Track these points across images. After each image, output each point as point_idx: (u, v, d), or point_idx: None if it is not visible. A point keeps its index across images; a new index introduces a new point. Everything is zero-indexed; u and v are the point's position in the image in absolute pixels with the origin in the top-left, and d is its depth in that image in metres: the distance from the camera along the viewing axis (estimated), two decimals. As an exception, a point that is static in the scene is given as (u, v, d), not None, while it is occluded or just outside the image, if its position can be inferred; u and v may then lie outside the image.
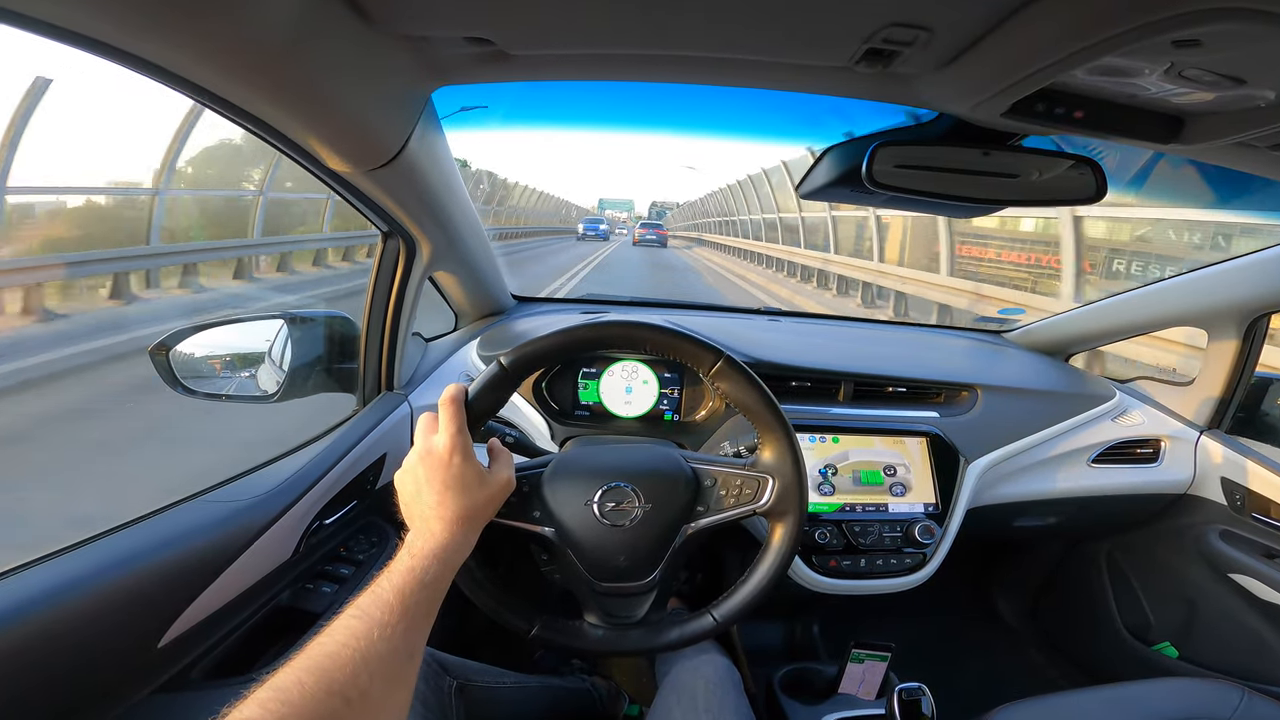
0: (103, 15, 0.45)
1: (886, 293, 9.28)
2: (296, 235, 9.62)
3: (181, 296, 6.78)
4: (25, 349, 4.45)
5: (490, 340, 1.27)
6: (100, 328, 5.09)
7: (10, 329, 4.75)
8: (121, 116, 10.83)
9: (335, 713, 0.43)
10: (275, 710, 0.41)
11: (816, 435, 1.16)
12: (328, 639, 0.47)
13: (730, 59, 0.65)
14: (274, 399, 0.99)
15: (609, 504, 0.71)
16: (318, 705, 0.42)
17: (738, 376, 0.72)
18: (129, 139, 8.91)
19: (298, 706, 0.41)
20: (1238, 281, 1.19)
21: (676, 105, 4.84)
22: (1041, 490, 1.29)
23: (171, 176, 6.80)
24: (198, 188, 8.50)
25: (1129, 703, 0.93)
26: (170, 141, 6.59)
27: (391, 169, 0.76)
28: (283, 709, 0.41)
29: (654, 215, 75.54)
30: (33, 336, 4.71)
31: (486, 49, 0.62)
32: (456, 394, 0.66)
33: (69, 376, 4.17)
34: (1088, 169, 0.81)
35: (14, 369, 4.10)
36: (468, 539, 0.62)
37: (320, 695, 0.43)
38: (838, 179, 0.86)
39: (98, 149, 10.69)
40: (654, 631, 0.74)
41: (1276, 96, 0.61)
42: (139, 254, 6.58)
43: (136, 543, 0.69)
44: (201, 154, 8.34)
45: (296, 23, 0.50)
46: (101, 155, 8.49)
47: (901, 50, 0.59)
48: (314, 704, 0.42)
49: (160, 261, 6.90)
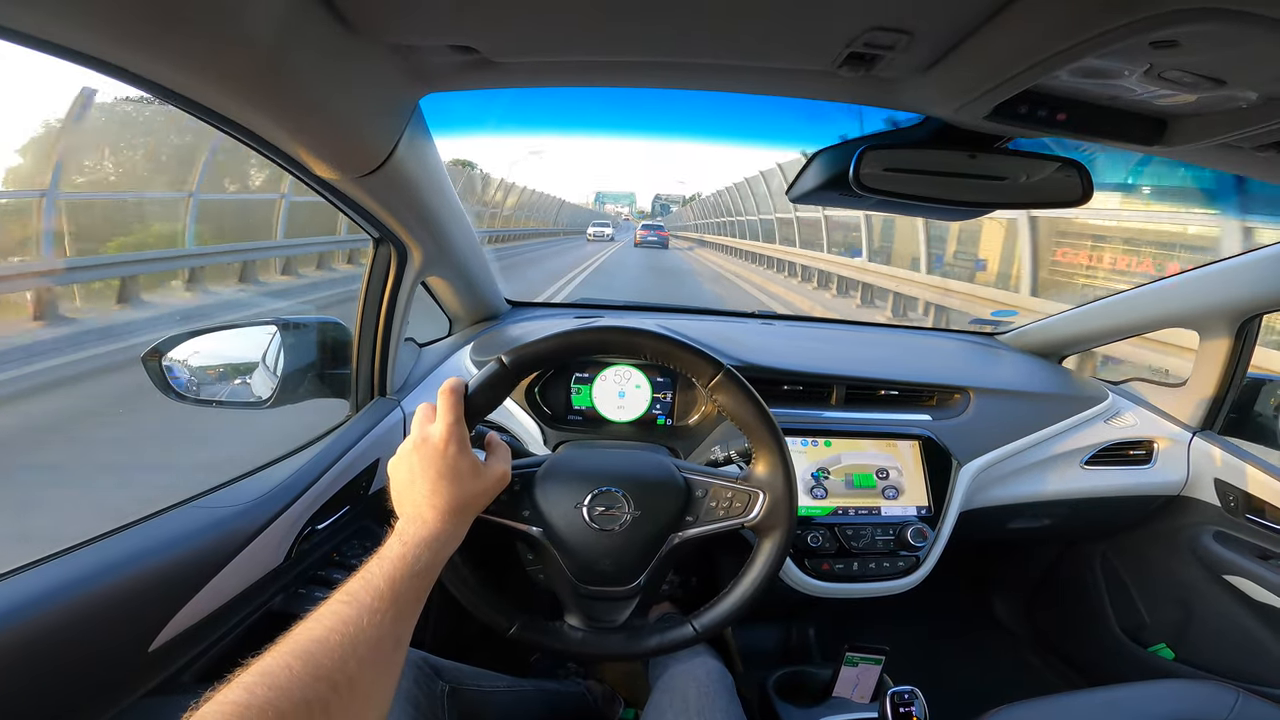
0: (83, 26, 0.45)
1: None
2: (308, 239, 9.41)
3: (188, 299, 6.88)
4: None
5: (484, 345, 1.28)
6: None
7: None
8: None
9: (322, 698, 0.43)
10: (262, 694, 0.40)
11: (809, 439, 1.16)
12: (315, 624, 0.47)
13: (712, 64, 0.66)
14: (267, 405, 0.99)
15: (599, 508, 0.71)
16: (304, 690, 0.42)
17: (736, 390, 0.72)
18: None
19: (284, 690, 0.41)
20: (1229, 283, 1.20)
21: (667, 110, 4.79)
22: (1034, 492, 1.29)
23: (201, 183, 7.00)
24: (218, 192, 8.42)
25: (1124, 705, 0.93)
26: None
27: (380, 176, 0.76)
28: (269, 693, 0.40)
29: (657, 210, 72.54)
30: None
31: (471, 57, 0.62)
32: (456, 385, 0.66)
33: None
34: (1074, 171, 0.81)
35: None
36: (459, 530, 0.62)
37: (307, 680, 0.42)
38: (826, 183, 0.87)
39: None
40: (634, 637, 0.74)
41: (1258, 97, 0.61)
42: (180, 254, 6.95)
43: (126, 548, 0.69)
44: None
45: (280, 32, 0.50)
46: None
47: (883, 54, 0.59)
48: (301, 688, 0.42)
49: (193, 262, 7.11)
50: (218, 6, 0.45)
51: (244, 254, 7.95)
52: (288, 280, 8.75)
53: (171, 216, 7.34)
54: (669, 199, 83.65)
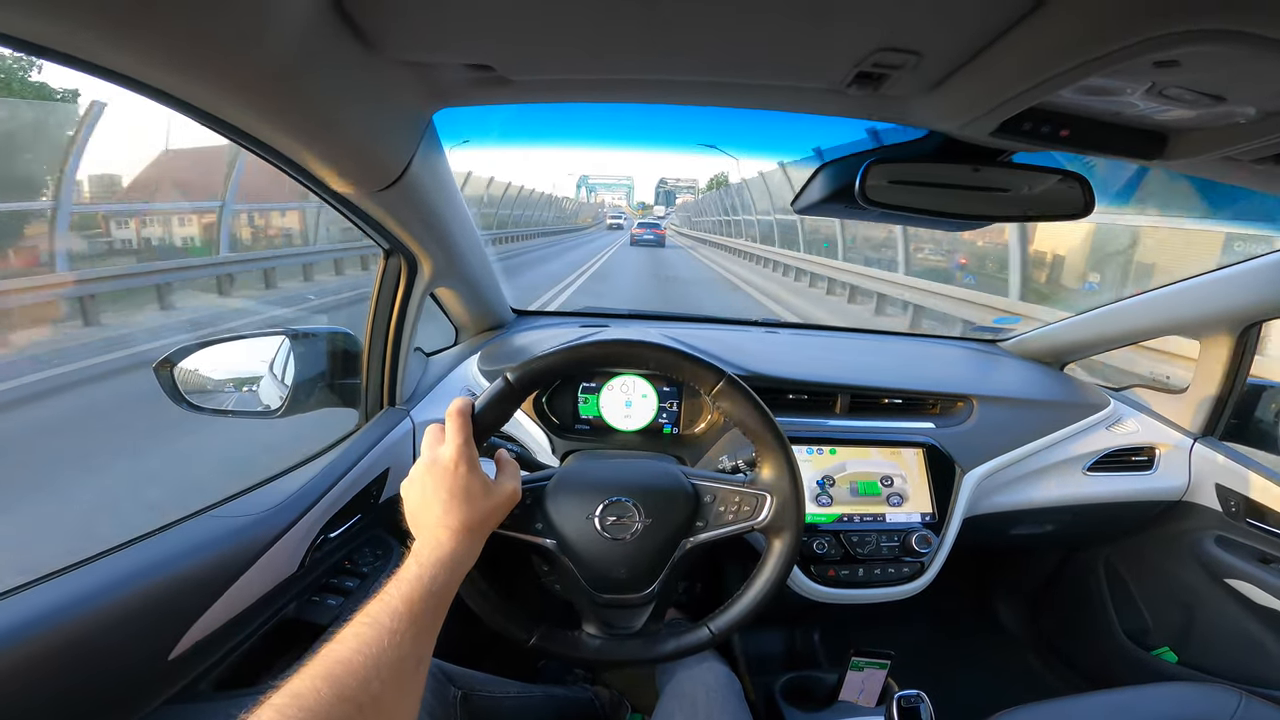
0: (112, 46, 0.46)
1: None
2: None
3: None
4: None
5: (491, 355, 1.29)
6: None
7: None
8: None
9: (348, 718, 0.44)
10: (293, 716, 0.42)
11: (814, 447, 1.17)
12: (340, 646, 0.48)
13: (724, 82, 0.67)
14: (277, 414, 0.99)
15: (610, 518, 0.72)
16: (331, 711, 0.43)
17: (739, 397, 0.73)
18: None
19: (313, 712, 0.42)
20: (1229, 290, 1.21)
21: (674, 120, 4.77)
22: (1037, 499, 1.29)
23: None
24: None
25: (1128, 708, 0.93)
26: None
27: (395, 190, 0.78)
28: (300, 714, 0.42)
29: (661, 198, 64.57)
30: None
31: (486, 74, 0.63)
32: (464, 406, 0.67)
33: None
34: (1075, 184, 0.82)
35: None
36: (473, 548, 0.63)
37: (334, 701, 0.44)
38: (831, 195, 0.87)
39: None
40: (651, 642, 0.75)
41: (1257, 113, 0.62)
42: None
43: (145, 558, 0.70)
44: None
45: (298, 49, 0.51)
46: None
47: (891, 73, 0.60)
48: (328, 710, 0.43)
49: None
50: (240, 26, 0.47)
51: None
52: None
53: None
54: (677, 185, 73.40)
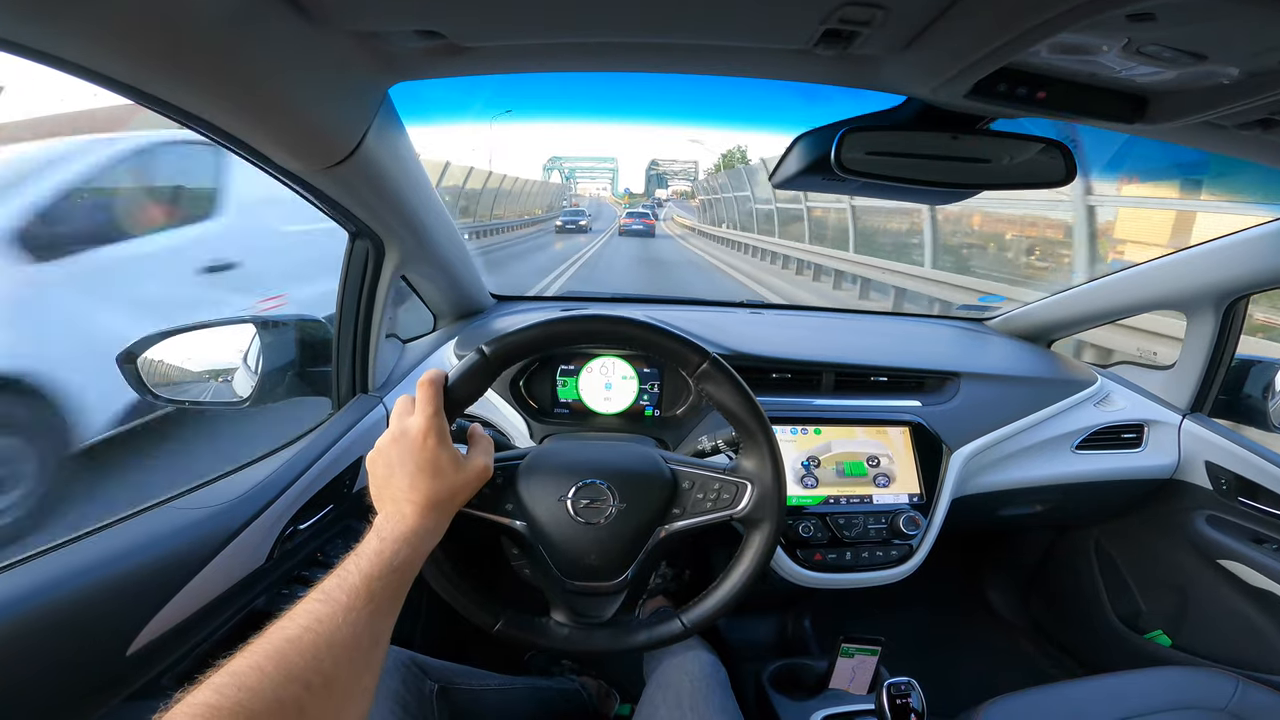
0: (29, 20, 0.43)
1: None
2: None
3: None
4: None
5: (467, 339, 1.26)
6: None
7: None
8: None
9: (296, 697, 0.42)
10: (233, 696, 0.39)
11: (799, 427, 1.15)
12: (289, 623, 0.46)
13: (688, 44, 0.64)
14: (246, 404, 0.97)
15: (583, 501, 0.70)
16: (277, 690, 0.41)
17: (722, 380, 0.71)
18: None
19: (256, 692, 0.40)
20: (1214, 264, 1.19)
21: (652, 92, 4.76)
22: (1025, 478, 1.28)
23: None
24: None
25: (1123, 693, 0.92)
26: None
27: (349, 167, 0.75)
28: (240, 694, 0.40)
29: (652, 184, 61.70)
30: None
31: (438, 42, 0.61)
32: (435, 377, 0.65)
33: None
34: (1057, 152, 0.80)
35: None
36: (439, 524, 0.61)
37: (280, 680, 0.42)
38: (809, 167, 0.85)
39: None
40: (621, 632, 0.73)
41: (1239, 73, 0.60)
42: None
43: (101, 551, 0.68)
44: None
45: (230, 18, 0.49)
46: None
47: (860, 30, 0.58)
48: (273, 689, 0.41)
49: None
50: None
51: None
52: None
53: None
54: (667, 169, 66.59)
